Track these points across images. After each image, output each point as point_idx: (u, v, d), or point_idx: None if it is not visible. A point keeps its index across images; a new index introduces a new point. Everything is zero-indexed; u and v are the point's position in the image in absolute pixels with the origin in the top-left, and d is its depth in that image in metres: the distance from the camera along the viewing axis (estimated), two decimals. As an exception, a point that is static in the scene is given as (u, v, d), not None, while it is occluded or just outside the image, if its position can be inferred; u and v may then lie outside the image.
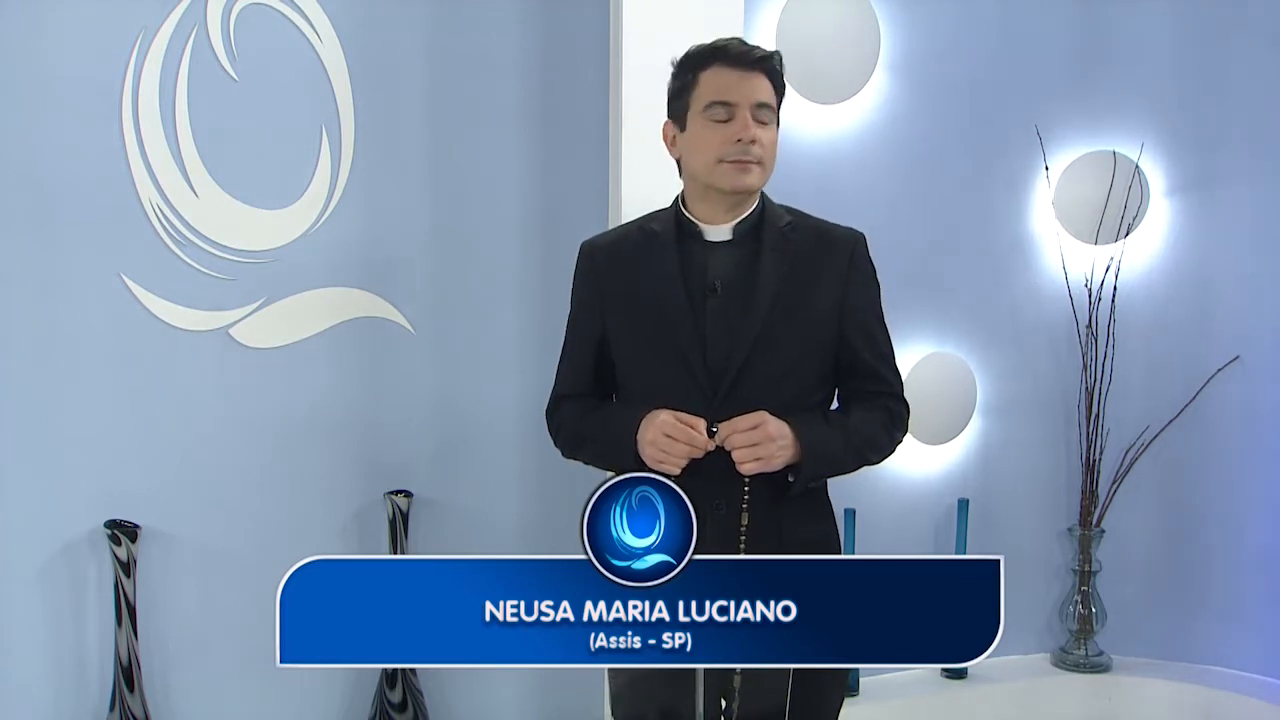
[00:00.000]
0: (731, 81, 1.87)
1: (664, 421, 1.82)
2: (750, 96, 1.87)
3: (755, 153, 1.86)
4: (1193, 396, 3.27)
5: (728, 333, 1.88)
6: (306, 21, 2.66)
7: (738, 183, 1.87)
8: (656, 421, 1.82)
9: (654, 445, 1.82)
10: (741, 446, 1.80)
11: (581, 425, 1.99)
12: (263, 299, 2.68)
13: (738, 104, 1.86)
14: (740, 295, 1.89)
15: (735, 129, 1.86)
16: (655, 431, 1.82)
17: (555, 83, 2.85)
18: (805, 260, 1.92)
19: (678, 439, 1.80)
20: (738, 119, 1.86)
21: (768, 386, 1.88)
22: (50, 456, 2.56)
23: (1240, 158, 3.23)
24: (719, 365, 1.88)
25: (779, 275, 1.90)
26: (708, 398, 1.87)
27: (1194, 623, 3.34)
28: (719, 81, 1.87)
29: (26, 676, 2.58)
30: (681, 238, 1.94)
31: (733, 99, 1.86)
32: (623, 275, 1.96)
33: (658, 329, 1.90)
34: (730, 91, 1.86)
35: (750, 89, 1.87)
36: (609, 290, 1.98)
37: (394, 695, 2.76)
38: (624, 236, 2.01)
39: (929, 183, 3.20)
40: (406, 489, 2.79)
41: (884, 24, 3.06)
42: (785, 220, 1.95)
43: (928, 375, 3.19)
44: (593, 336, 2.00)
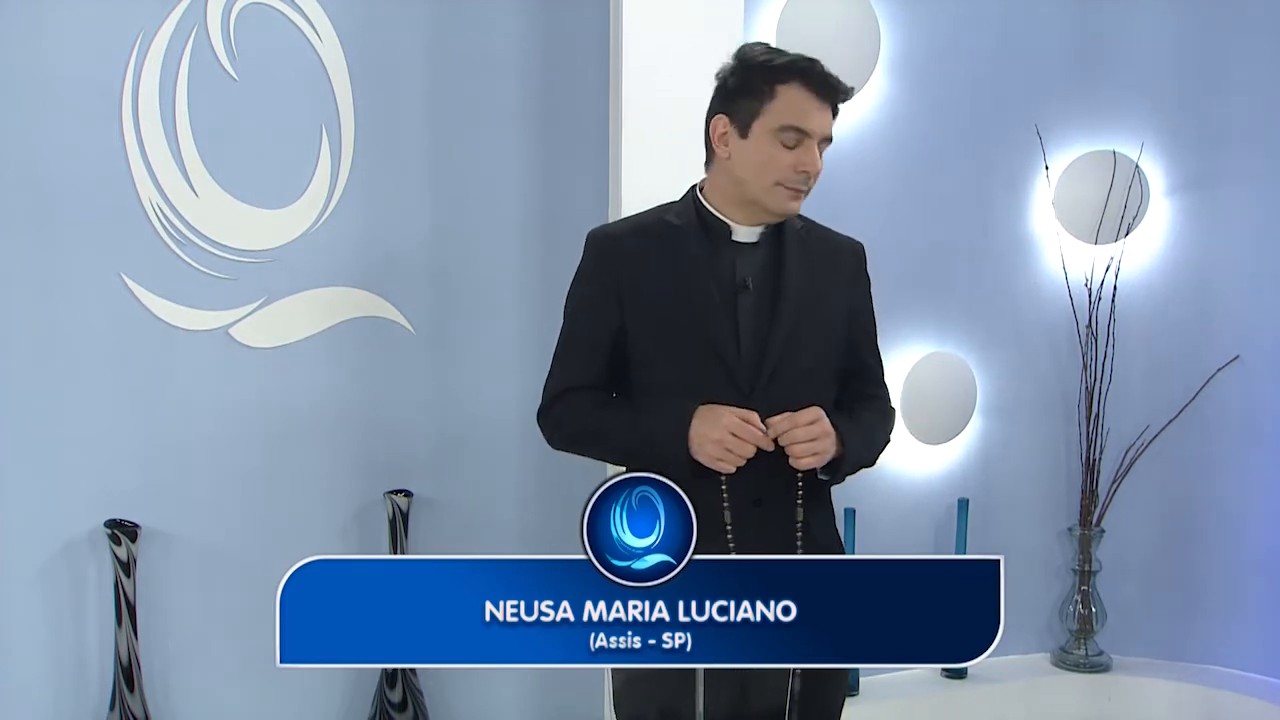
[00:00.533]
0: (812, 110, 1.85)
1: (731, 421, 1.79)
2: (824, 129, 1.87)
3: (811, 184, 1.88)
4: (1193, 396, 3.27)
5: (759, 330, 1.88)
6: (306, 21, 2.66)
7: (788, 208, 1.89)
8: (722, 421, 1.79)
9: (719, 444, 1.79)
10: (803, 441, 1.80)
11: (594, 421, 1.93)
12: (263, 299, 2.68)
13: (811, 134, 1.85)
14: (769, 294, 1.90)
15: (803, 158, 1.85)
16: (722, 431, 1.79)
17: (555, 83, 2.85)
18: (821, 263, 1.96)
19: (745, 439, 1.79)
20: (806, 148, 1.85)
21: (796, 384, 1.89)
22: (50, 456, 2.56)
23: (1240, 157, 3.23)
24: (753, 362, 1.88)
25: (802, 276, 1.92)
26: (742, 394, 1.86)
27: (1194, 623, 3.34)
28: (800, 106, 1.84)
29: (26, 676, 2.58)
30: (706, 233, 1.93)
31: (810, 128, 1.85)
32: (644, 266, 1.91)
33: (690, 324, 1.88)
34: (809, 119, 1.85)
35: (826, 121, 1.87)
36: (628, 281, 1.92)
37: (394, 695, 2.76)
38: (641, 227, 1.96)
39: (929, 183, 3.20)
40: (406, 489, 2.79)
41: (884, 24, 3.06)
42: (800, 224, 1.98)
43: (928, 375, 3.19)
44: (609, 327, 1.93)
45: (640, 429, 1.88)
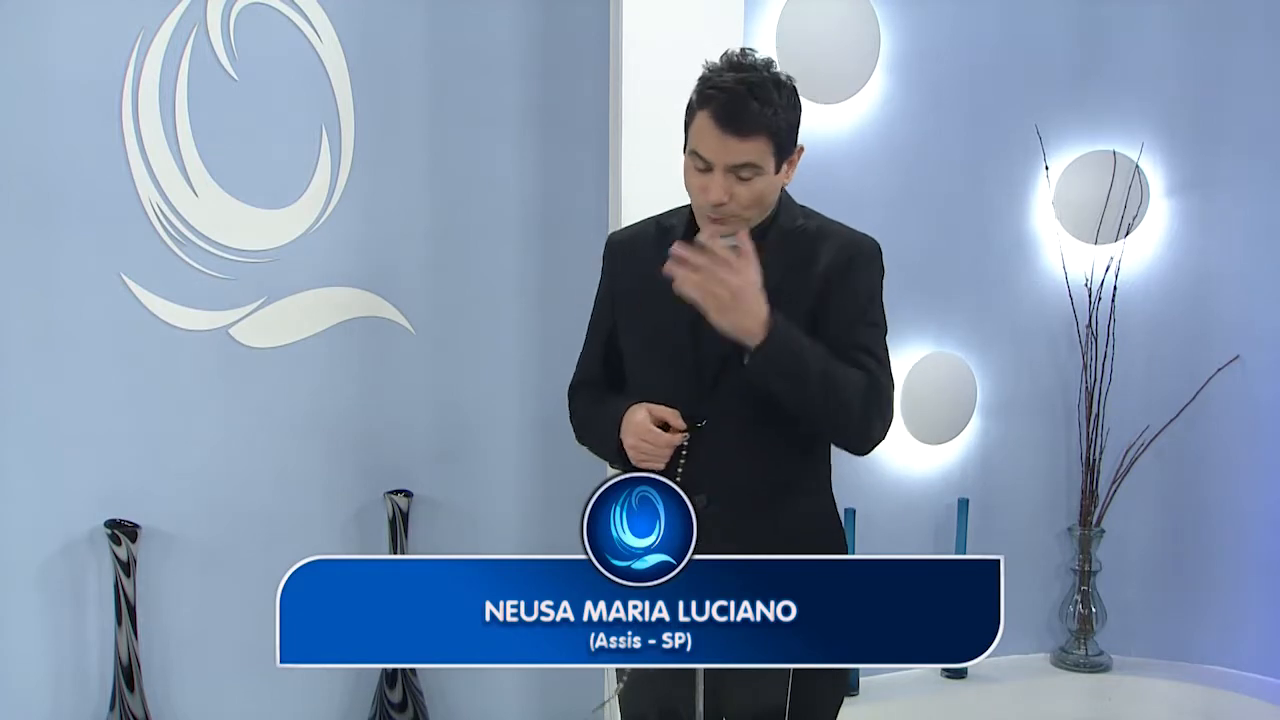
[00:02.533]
0: (711, 138, 1.78)
1: (639, 425, 1.86)
2: (727, 159, 1.78)
3: (729, 210, 1.81)
4: (1193, 396, 3.27)
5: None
6: (306, 21, 2.66)
7: (713, 233, 1.82)
8: (633, 425, 1.87)
9: (635, 450, 1.87)
10: (707, 272, 1.72)
11: (585, 414, 2.06)
12: (263, 299, 2.68)
13: (711, 164, 1.80)
14: None
15: (706, 184, 1.80)
16: (633, 437, 1.87)
17: (555, 83, 2.85)
18: (802, 257, 1.91)
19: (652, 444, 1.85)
20: (711, 176, 1.80)
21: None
22: (50, 456, 2.56)
23: (1240, 158, 3.23)
24: (711, 360, 1.88)
25: (776, 275, 1.88)
26: (699, 392, 1.89)
27: (1194, 623, 3.34)
28: (702, 133, 1.79)
29: (26, 676, 2.59)
30: (692, 234, 1.93)
31: (709, 157, 1.79)
32: (634, 269, 1.98)
33: (659, 324, 1.92)
34: (705, 147, 1.79)
35: (727, 151, 1.78)
36: (620, 284, 2.03)
37: (394, 695, 2.76)
38: (641, 232, 2.04)
39: (929, 182, 3.19)
40: (406, 489, 2.79)
41: (884, 24, 3.06)
42: (798, 223, 1.93)
43: (928, 375, 3.19)
44: (604, 328, 2.06)
45: (600, 427, 1.98)
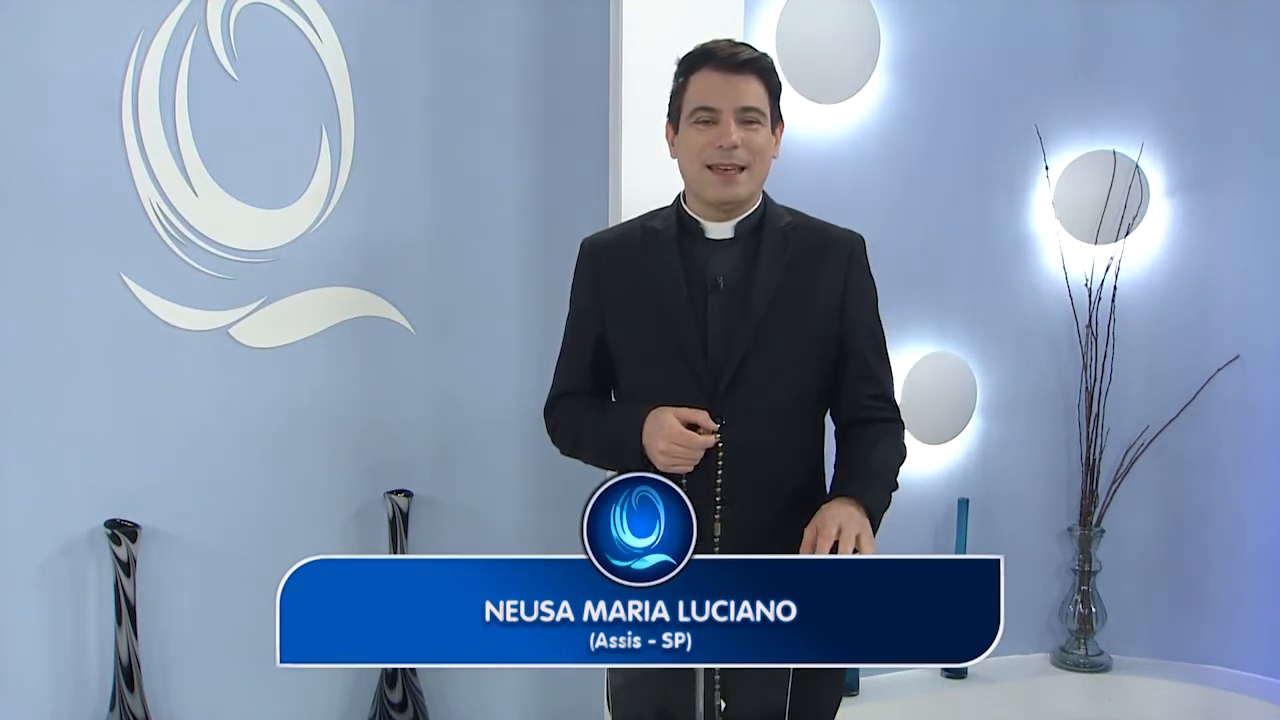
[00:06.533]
0: (716, 85, 1.86)
1: (670, 429, 1.82)
2: (734, 101, 1.86)
3: (740, 157, 1.86)
4: (1193, 396, 3.27)
5: (728, 328, 1.89)
6: (306, 21, 2.66)
7: (722, 194, 1.88)
8: (665, 429, 1.83)
9: (666, 454, 1.83)
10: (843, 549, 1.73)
11: (579, 423, 2.00)
12: (262, 299, 2.68)
13: (721, 109, 1.86)
14: (741, 292, 1.90)
15: (717, 134, 1.86)
16: (665, 441, 1.82)
17: (555, 83, 2.84)
18: (805, 257, 1.93)
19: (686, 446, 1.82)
20: (721, 123, 1.86)
21: (766, 381, 1.89)
22: (50, 456, 2.56)
23: (1240, 158, 3.23)
24: (719, 360, 1.88)
25: (779, 272, 1.90)
26: (708, 393, 1.88)
27: (1194, 622, 3.34)
28: (704, 85, 1.87)
29: (26, 676, 2.58)
30: (683, 235, 1.94)
31: (716, 104, 1.86)
32: (624, 274, 1.96)
33: (660, 326, 1.91)
34: (714, 96, 1.86)
35: (735, 93, 1.86)
36: (610, 289, 1.98)
37: (394, 695, 2.76)
38: (626, 235, 2.01)
39: (929, 182, 3.19)
40: (406, 489, 2.79)
41: (884, 24, 3.06)
42: (786, 220, 1.96)
43: (928, 375, 3.19)
44: (591, 334, 2.00)
45: (606, 434, 1.94)
